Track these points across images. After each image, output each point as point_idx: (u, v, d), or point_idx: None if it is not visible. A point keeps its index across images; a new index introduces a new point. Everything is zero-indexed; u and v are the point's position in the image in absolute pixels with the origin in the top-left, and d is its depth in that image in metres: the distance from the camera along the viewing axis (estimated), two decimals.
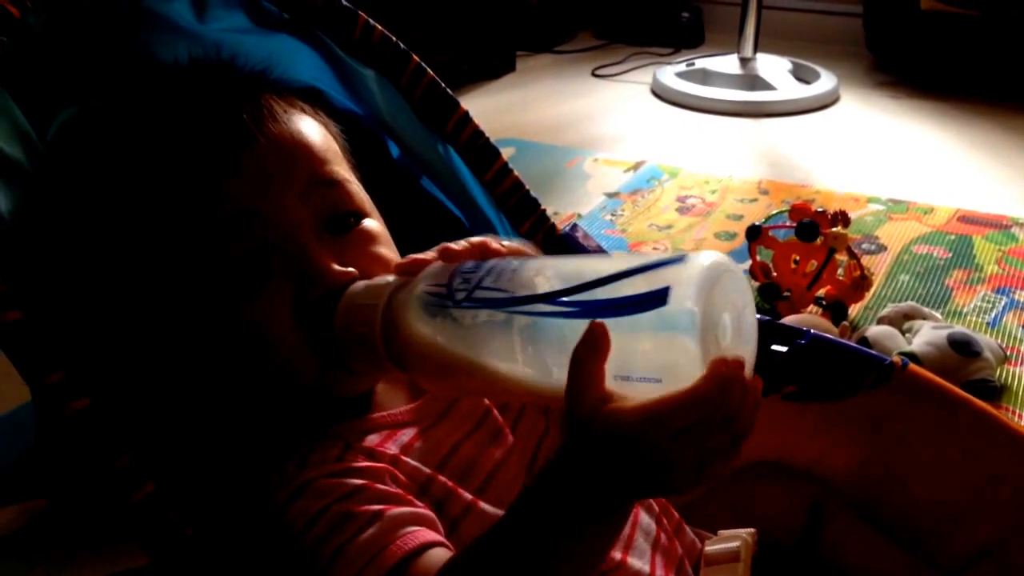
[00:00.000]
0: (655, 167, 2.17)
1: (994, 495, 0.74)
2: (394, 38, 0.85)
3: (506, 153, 0.89)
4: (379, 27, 0.84)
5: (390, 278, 0.62)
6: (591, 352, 0.49)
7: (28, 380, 0.57)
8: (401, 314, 0.58)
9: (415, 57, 0.85)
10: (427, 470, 0.64)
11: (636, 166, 2.18)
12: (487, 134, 0.87)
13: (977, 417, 0.74)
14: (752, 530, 0.69)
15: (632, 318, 0.50)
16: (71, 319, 0.63)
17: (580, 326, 0.50)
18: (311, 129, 0.69)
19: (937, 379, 0.76)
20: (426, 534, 0.59)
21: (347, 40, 0.83)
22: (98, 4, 0.72)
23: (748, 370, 0.51)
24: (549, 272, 0.55)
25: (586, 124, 2.49)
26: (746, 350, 0.52)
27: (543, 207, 0.87)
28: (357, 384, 0.67)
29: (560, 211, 1.92)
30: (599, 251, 0.87)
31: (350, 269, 0.64)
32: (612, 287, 0.52)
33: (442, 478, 0.64)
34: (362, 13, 0.84)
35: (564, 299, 0.53)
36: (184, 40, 0.76)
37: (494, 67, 2.82)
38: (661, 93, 2.67)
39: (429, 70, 0.86)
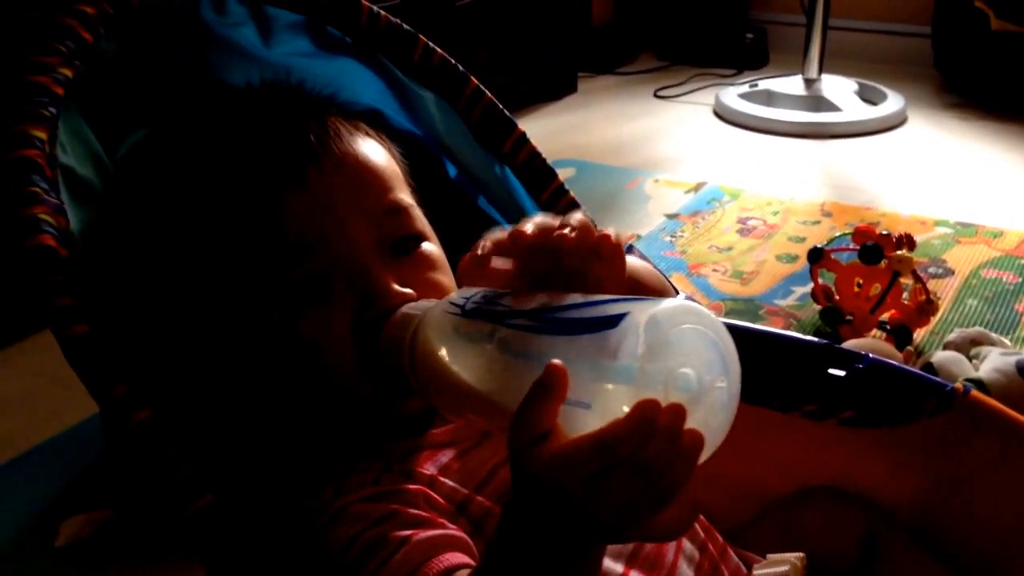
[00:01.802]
0: (716, 188, 2.16)
1: None
2: (453, 60, 0.86)
3: (566, 174, 0.89)
4: (439, 50, 0.86)
5: (433, 302, 0.62)
6: (542, 390, 0.46)
7: (94, 393, 0.58)
8: (422, 334, 0.58)
9: (473, 80, 0.87)
10: (465, 490, 0.64)
11: (697, 187, 2.17)
12: (547, 155, 0.87)
13: None
14: (802, 554, 0.68)
15: (581, 338, 0.48)
16: (134, 333, 0.64)
17: (543, 345, 0.49)
18: (377, 153, 0.71)
19: (1001, 407, 0.75)
20: (452, 557, 0.58)
21: (407, 63, 0.85)
22: (169, 30, 0.74)
23: (710, 442, 0.46)
24: (545, 297, 0.54)
25: (647, 145, 2.48)
26: (701, 411, 0.47)
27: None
28: (411, 402, 0.67)
29: (620, 232, 1.91)
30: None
31: (409, 291, 0.65)
32: (586, 309, 0.50)
33: (480, 498, 0.64)
34: (422, 36, 0.85)
35: (543, 314, 0.51)
36: (251, 64, 0.78)
37: (556, 88, 2.84)
38: (724, 114, 2.66)
39: (487, 92, 0.87)
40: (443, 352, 0.56)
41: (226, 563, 0.59)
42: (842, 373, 0.78)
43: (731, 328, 0.56)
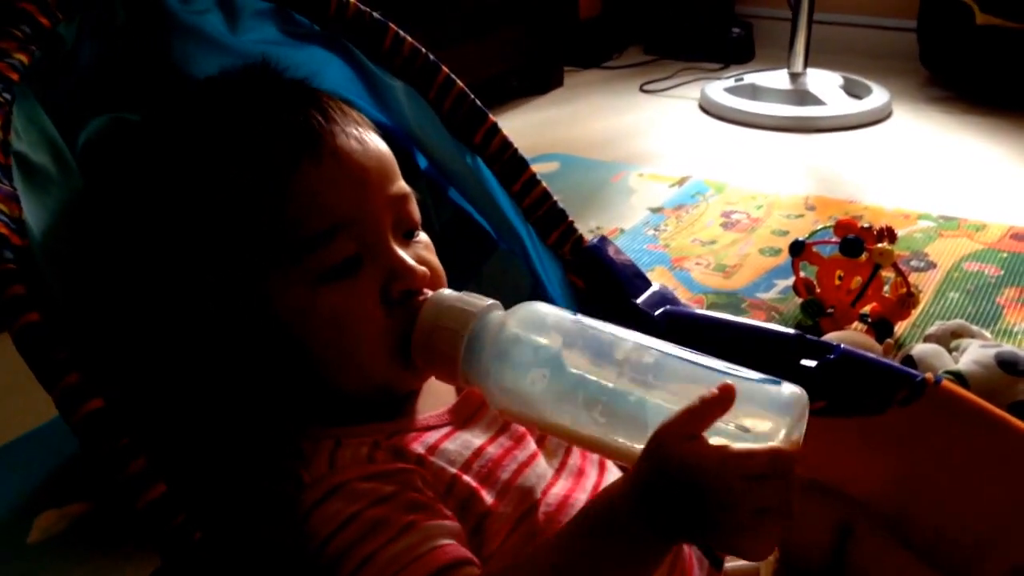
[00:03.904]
0: (701, 182, 2.15)
1: None
2: (423, 49, 0.85)
3: (550, 168, 0.89)
4: (409, 39, 0.85)
5: (488, 300, 0.66)
6: (714, 403, 0.55)
7: (42, 382, 0.58)
8: (493, 348, 0.63)
9: (444, 69, 0.86)
10: (452, 470, 0.65)
11: (681, 181, 2.16)
12: (532, 149, 0.87)
13: (1013, 436, 0.72)
14: None
15: (750, 384, 0.59)
16: (92, 321, 0.63)
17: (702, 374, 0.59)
18: (377, 138, 0.71)
19: (972, 397, 0.74)
20: (457, 549, 0.60)
21: (377, 52, 0.84)
22: (130, 16, 0.73)
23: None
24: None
25: (633, 139, 2.48)
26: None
27: (570, 219, 0.86)
28: (412, 381, 0.70)
29: (603, 226, 1.91)
30: (630, 266, 0.86)
31: (425, 270, 0.68)
32: (734, 368, 0.61)
33: (467, 478, 0.65)
34: (392, 25, 0.84)
35: (693, 355, 0.62)
36: (217, 51, 0.77)
37: (542, 82, 2.83)
38: (709, 108, 2.65)
39: (458, 81, 0.86)
40: (536, 388, 0.61)
41: (180, 552, 0.58)
42: (813, 364, 0.78)
43: (702, 319, 0.63)
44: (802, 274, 1.58)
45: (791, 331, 0.81)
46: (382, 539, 0.59)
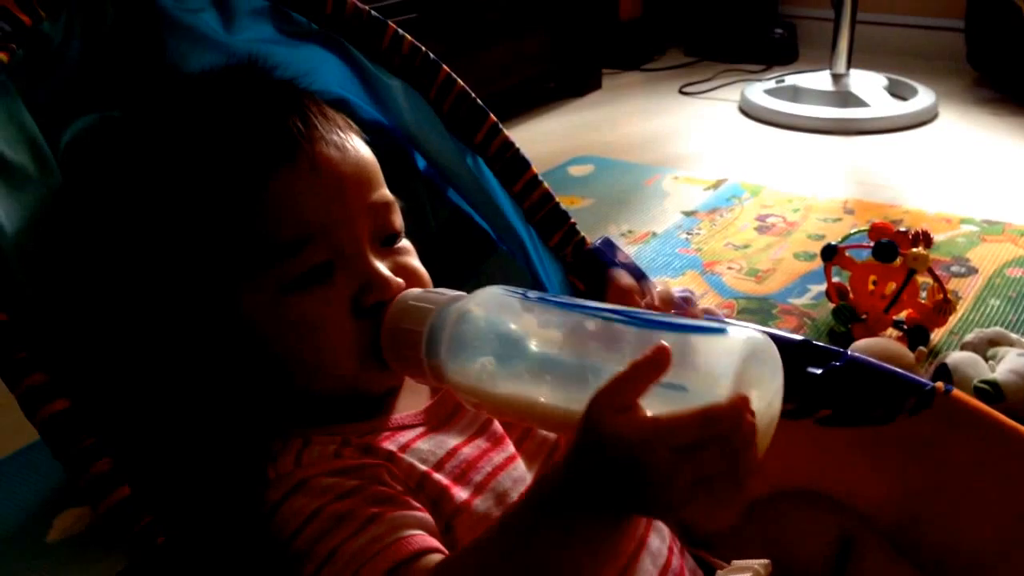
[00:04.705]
0: (736, 185, 2.12)
1: None
2: (423, 48, 0.84)
3: (584, 170, 0.88)
4: (408, 37, 0.84)
5: (452, 293, 0.65)
6: (646, 368, 0.51)
7: (7, 381, 0.57)
8: (449, 333, 0.61)
9: (445, 68, 0.85)
10: (423, 468, 0.64)
11: (717, 184, 2.13)
12: (566, 152, 0.86)
13: None
14: (766, 561, 0.66)
15: (687, 336, 0.54)
16: (63, 321, 0.63)
17: (643, 335, 0.55)
18: (365, 145, 0.70)
19: (983, 406, 0.71)
20: (424, 539, 0.58)
21: (375, 50, 0.83)
22: (120, 15, 0.73)
23: (762, 439, 0.52)
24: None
25: (669, 142, 2.45)
26: (765, 417, 0.53)
27: (572, 220, 0.85)
28: (384, 381, 0.68)
29: (635, 229, 1.89)
30: (633, 268, 0.84)
31: (401, 280, 0.67)
32: (680, 319, 0.59)
33: (438, 476, 0.64)
34: (391, 23, 0.83)
35: (638, 313, 0.59)
36: (212, 50, 0.77)
37: (580, 85, 2.81)
38: (749, 110, 2.61)
39: (459, 80, 0.85)
40: (489, 372, 0.59)
41: (145, 554, 0.57)
42: (819, 371, 0.75)
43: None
44: (836, 279, 1.55)
45: (797, 336, 0.79)
46: (346, 532, 0.57)
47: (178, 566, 0.58)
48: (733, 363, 0.52)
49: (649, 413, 0.51)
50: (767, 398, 0.54)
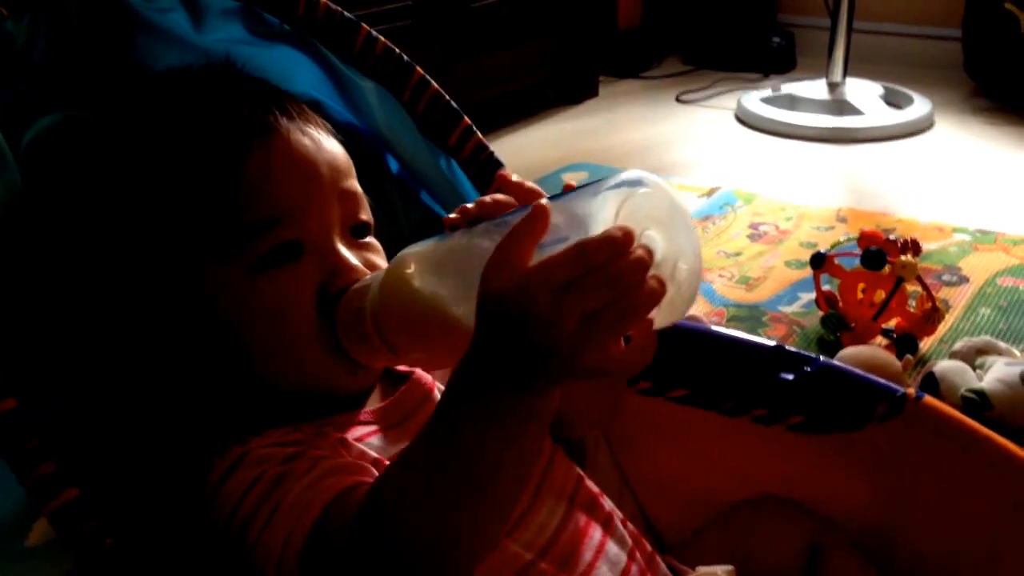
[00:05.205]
0: (730, 193, 2.11)
1: (1015, 540, 0.67)
2: (397, 50, 0.83)
3: (578, 177, 0.87)
4: (382, 39, 0.83)
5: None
6: (525, 227, 0.49)
7: None
8: (380, 291, 0.61)
9: (419, 69, 0.84)
10: (374, 455, 0.63)
11: (711, 192, 2.12)
12: (560, 159, 0.85)
13: (998, 455, 0.68)
14: (730, 567, 0.65)
15: (569, 196, 0.53)
16: (9, 320, 0.62)
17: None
18: (334, 142, 0.70)
19: (955, 413, 0.70)
20: (368, 475, 0.58)
21: (348, 52, 0.82)
22: (86, 14, 0.73)
23: (672, 305, 0.50)
24: None
25: (665, 150, 2.44)
26: (670, 256, 0.51)
27: None
28: (356, 380, 0.67)
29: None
30: None
31: (368, 272, 0.66)
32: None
33: (388, 462, 0.62)
34: (364, 25, 0.83)
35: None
36: (182, 50, 0.76)
37: (577, 92, 2.81)
38: (745, 119, 2.61)
39: (433, 82, 0.84)
40: (411, 271, 0.59)
41: (91, 557, 0.57)
42: (791, 376, 0.75)
43: (680, 329, 0.56)
44: (827, 287, 1.54)
45: (770, 342, 0.78)
46: (287, 488, 0.57)
47: (126, 568, 0.57)
48: (608, 199, 0.50)
49: None
50: (673, 239, 0.52)
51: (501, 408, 0.49)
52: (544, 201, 0.51)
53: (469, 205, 0.62)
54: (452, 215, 0.62)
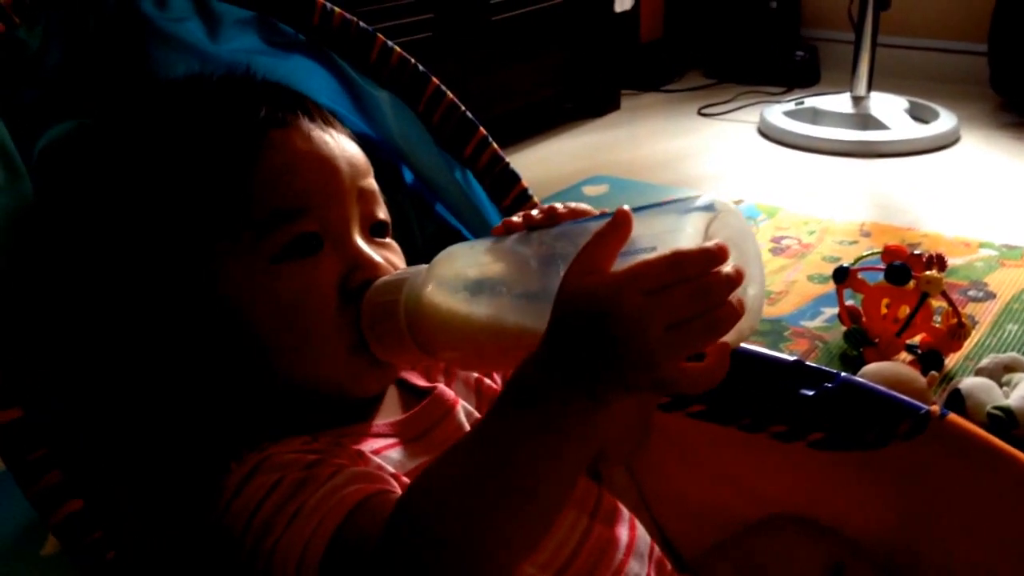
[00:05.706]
0: (752, 206, 2.10)
1: None
2: (412, 60, 0.83)
3: (599, 190, 0.86)
4: (397, 48, 0.83)
5: (412, 268, 0.64)
6: (611, 230, 0.50)
7: None
8: (423, 288, 0.60)
9: (434, 80, 0.83)
10: (392, 469, 0.62)
11: None
12: (582, 172, 0.84)
13: (1023, 472, 0.66)
14: None
15: (652, 211, 0.53)
16: (20, 330, 0.62)
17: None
18: (354, 144, 0.70)
19: (980, 431, 0.68)
20: (390, 486, 0.57)
21: (363, 62, 0.82)
22: (101, 23, 0.72)
23: (743, 326, 0.50)
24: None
25: (686, 163, 2.43)
26: (749, 282, 0.51)
27: None
28: (371, 380, 0.66)
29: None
30: None
31: (388, 266, 0.66)
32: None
33: (405, 479, 0.61)
34: (380, 35, 0.82)
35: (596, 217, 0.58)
36: (197, 59, 0.76)
37: (598, 105, 2.80)
38: (768, 132, 2.59)
39: (448, 93, 0.83)
40: (460, 269, 0.59)
41: (94, 569, 0.56)
42: (811, 392, 0.73)
43: None
44: (850, 302, 1.52)
45: (790, 357, 0.77)
46: (308, 493, 0.55)
47: None
48: (701, 217, 0.51)
49: None
50: (746, 264, 0.51)
51: (566, 417, 0.48)
52: (625, 207, 0.51)
53: (534, 212, 0.62)
54: (514, 218, 0.62)
